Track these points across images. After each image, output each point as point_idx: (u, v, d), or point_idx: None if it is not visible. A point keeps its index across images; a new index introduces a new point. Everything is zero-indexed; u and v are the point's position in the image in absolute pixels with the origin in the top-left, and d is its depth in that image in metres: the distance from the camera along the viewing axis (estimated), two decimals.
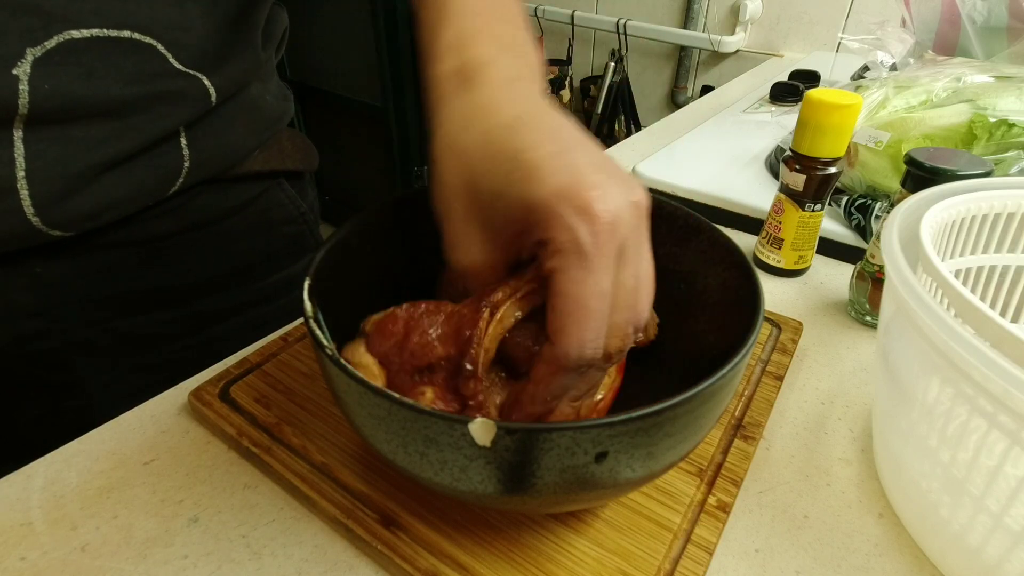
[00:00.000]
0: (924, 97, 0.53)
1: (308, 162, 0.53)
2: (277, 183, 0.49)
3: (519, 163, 0.23)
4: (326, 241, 0.30)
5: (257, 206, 0.48)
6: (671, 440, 0.23)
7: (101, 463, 0.34)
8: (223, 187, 0.44)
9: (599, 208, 0.22)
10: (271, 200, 0.49)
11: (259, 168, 0.46)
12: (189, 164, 0.40)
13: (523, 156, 0.23)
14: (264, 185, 0.48)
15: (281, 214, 0.50)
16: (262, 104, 0.45)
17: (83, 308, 0.41)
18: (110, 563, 0.29)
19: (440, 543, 0.29)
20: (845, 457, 0.35)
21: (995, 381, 0.22)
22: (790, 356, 0.41)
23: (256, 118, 0.45)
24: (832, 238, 0.54)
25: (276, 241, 0.50)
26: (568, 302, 0.22)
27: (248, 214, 0.47)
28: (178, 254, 0.44)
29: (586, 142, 0.24)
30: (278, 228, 0.50)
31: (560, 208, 0.22)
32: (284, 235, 0.51)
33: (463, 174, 0.25)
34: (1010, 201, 0.34)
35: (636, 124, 1.67)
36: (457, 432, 0.21)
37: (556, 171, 0.23)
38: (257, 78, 0.45)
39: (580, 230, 0.22)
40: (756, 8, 1.34)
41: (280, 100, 0.49)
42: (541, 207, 0.22)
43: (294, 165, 0.50)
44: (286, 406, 0.36)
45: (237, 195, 0.46)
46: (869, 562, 0.30)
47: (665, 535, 0.29)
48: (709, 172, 0.65)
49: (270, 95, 0.47)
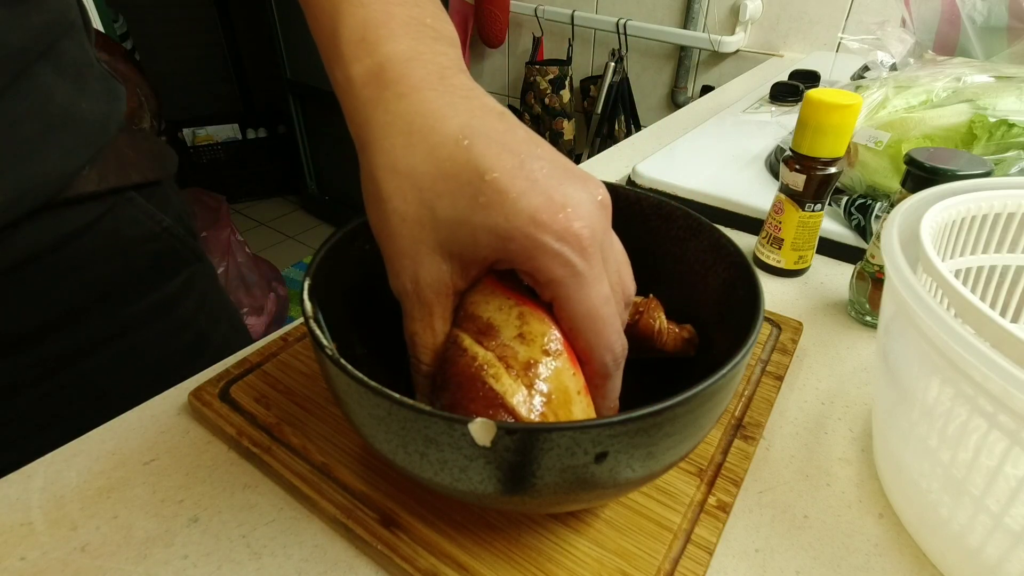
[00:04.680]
0: (924, 97, 0.53)
1: (162, 169, 0.45)
2: (125, 199, 0.41)
3: (484, 187, 0.22)
4: (326, 241, 0.30)
5: (101, 228, 0.40)
6: (671, 440, 0.23)
7: (101, 463, 0.34)
8: (52, 213, 0.36)
9: (578, 227, 0.22)
10: (120, 219, 0.41)
11: (93, 188, 0.38)
12: (2, 199, 0.33)
13: (487, 179, 0.22)
14: (105, 205, 0.40)
15: (137, 232, 0.42)
16: (76, 113, 0.37)
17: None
18: (110, 563, 0.29)
19: (440, 543, 0.29)
20: (845, 457, 0.35)
21: (995, 381, 0.22)
22: (790, 356, 0.41)
23: (72, 133, 0.37)
24: (832, 238, 0.54)
25: (137, 261, 0.43)
26: (584, 321, 0.23)
27: (91, 239, 0.39)
28: (12, 294, 0.37)
29: (533, 139, 0.24)
30: (136, 248, 0.42)
31: (542, 238, 0.22)
32: (147, 253, 0.43)
33: (415, 200, 0.23)
34: (1010, 201, 0.34)
35: (636, 124, 1.67)
36: (457, 432, 0.21)
37: (524, 193, 0.22)
38: (49, 59, 0.36)
39: (569, 255, 0.22)
40: (756, 8, 1.34)
41: (103, 102, 0.39)
42: (520, 238, 0.22)
43: (142, 176, 0.42)
44: (286, 406, 0.36)
45: (71, 220, 0.38)
46: (869, 562, 0.30)
47: (665, 535, 0.29)
48: (709, 172, 0.65)
49: (87, 99, 0.38)
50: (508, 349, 0.24)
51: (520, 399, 0.23)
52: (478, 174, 0.22)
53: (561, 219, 0.22)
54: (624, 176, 0.70)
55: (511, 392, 0.23)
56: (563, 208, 0.22)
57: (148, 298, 0.44)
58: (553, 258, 0.22)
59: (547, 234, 0.22)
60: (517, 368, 0.23)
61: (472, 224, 0.23)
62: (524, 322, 0.25)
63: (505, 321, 0.25)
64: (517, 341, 0.24)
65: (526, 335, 0.24)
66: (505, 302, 0.25)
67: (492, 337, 0.24)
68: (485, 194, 0.22)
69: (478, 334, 0.25)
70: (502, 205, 0.22)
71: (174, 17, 2.54)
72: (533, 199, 0.22)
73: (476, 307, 0.26)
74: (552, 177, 0.23)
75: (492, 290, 0.26)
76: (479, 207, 0.22)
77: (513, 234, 0.22)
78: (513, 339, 0.24)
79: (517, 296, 0.26)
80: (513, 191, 0.22)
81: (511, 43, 1.90)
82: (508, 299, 0.25)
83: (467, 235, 0.23)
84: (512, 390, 0.23)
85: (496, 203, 0.22)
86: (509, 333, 0.24)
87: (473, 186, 0.22)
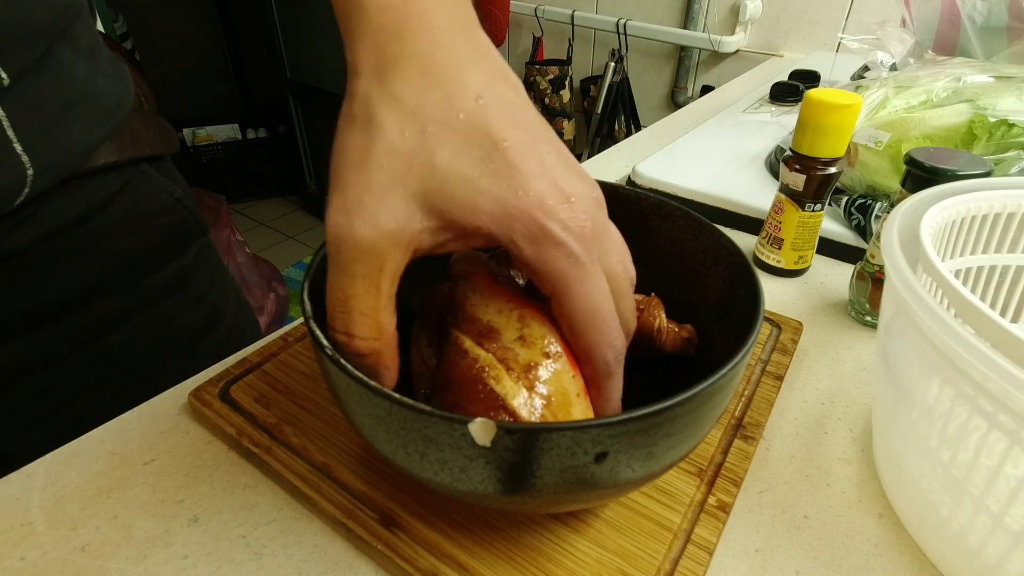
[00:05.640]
0: (924, 97, 0.53)
1: (168, 145, 0.47)
2: (139, 172, 0.44)
3: (496, 154, 0.21)
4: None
5: (122, 201, 0.42)
6: (671, 440, 0.23)
7: (101, 463, 0.34)
8: (76, 185, 0.39)
9: (583, 219, 0.22)
10: (137, 192, 0.44)
11: (114, 160, 0.41)
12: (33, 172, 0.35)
13: (501, 147, 0.21)
14: (124, 177, 0.42)
15: (154, 206, 0.45)
16: (94, 91, 0.39)
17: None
18: (110, 563, 0.29)
19: (440, 543, 0.29)
20: (845, 457, 0.35)
21: (995, 381, 0.22)
22: (790, 356, 0.41)
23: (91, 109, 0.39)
24: (832, 238, 0.54)
25: (155, 235, 0.45)
26: (585, 317, 0.23)
27: (113, 212, 0.42)
28: (45, 266, 0.39)
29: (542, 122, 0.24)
30: (153, 221, 0.45)
31: (549, 224, 0.21)
32: (163, 227, 0.46)
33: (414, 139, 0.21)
34: (1010, 201, 0.34)
35: (636, 124, 1.67)
36: (457, 432, 0.21)
37: (535, 173, 0.22)
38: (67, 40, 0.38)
39: (573, 247, 0.22)
40: (756, 8, 1.34)
41: (116, 81, 0.42)
42: (527, 219, 0.21)
43: (153, 150, 0.44)
44: (286, 406, 0.36)
45: (94, 193, 0.41)
46: (869, 562, 0.30)
47: (665, 535, 0.29)
48: (709, 172, 0.65)
49: (102, 78, 0.40)
50: (509, 351, 0.24)
51: (521, 401, 0.23)
52: (492, 139, 0.21)
53: (567, 209, 0.22)
54: (624, 176, 0.70)
55: (512, 394, 0.23)
56: (568, 198, 0.22)
57: (166, 270, 0.46)
58: (557, 247, 0.22)
59: (554, 222, 0.21)
60: (518, 370, 0.24)
61: (477, 186, 0.21)
62: (524, 325, 0.25)
63: (506, 324, 0.25)
64: (518, 343, 0.24)
65: (526, 338, 0.24)
66: (505, 305, 0.25)
67: (493, 339, 0.24)
68: (495, 161, 0.21)
69: (479, 336, 0.25)
70: (513, 179, 0.21)
71: (174, 17, 2.54)
72: (542, 183, 0.22)
73: (476, 310, 0.26)
74: (558, 165, 0.23)
75: (492, 293, 0.26)
76: (488, 172, 0.21)
77: (520, 214, 0.21)
78: (514, 341, 0.24)
79: (517, 299, 0.26)
80: (524, 168, 0.21)
81: (511, 43, 1.90)
82: (508, 302, 0.26)
83: (467, 194, 0.21)
84: (513, 392, 0.23)
85: (507, 175, 0.21)
86: (510, 336, 0.24)
87: (485, 149, 0.21)
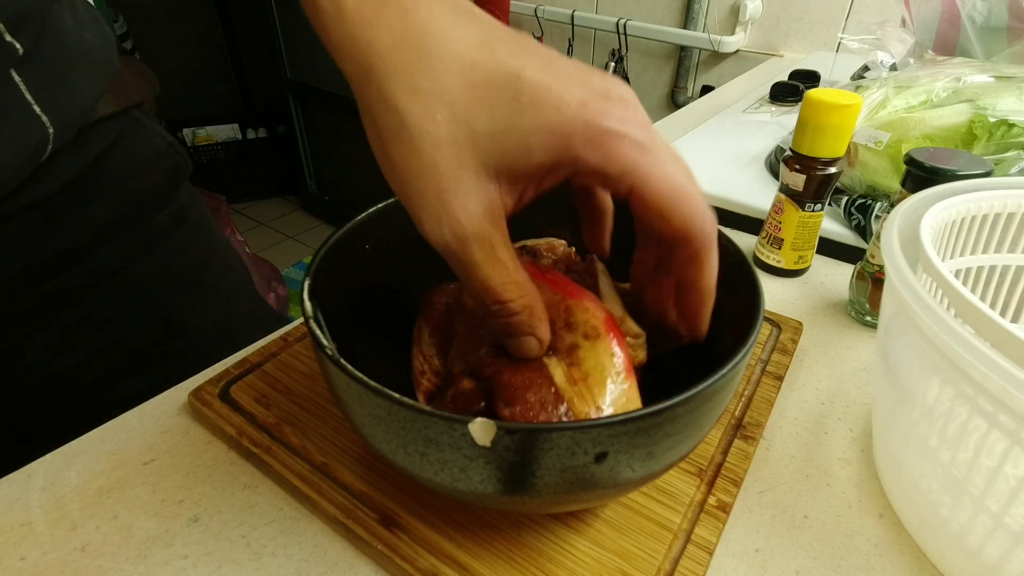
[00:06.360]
0: (924, 97, 0.53)
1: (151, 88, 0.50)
2: (132, 119, 0.47)
3: (522, 86, 0.20)
4: (326, 240, 0.30)
5: (122, 148, 0.46)
6: (671, 440, 0.23)
7: (101, 463, 0.34)
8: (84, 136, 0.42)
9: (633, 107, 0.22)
10: (135, 138, 0.47)
11: (112, 110, 0.44)
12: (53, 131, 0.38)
13: (524, 76, 0.21)
14: (120, 125, 0.46)
15: (150, 150, 0.48)
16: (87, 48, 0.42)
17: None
18: (110, 563, 0.29)
19: (440, 543, 0.29)
20: (845, 457, 0.35)
21: (995, 381, 0.22)
22: (790, 356, 0.41)
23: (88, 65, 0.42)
24: (832, 238, 0.54)
25: (155, 176, 0.49)
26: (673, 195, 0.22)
27: (117, 157, 0.45)
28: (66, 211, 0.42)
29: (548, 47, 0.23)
30: (152, 164, 0.48)
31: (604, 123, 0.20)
32: (161, 169, 0.49)
33: (447, 119, 0.21)
34: (1010, 201, 0.34)
35: None
36: (457, 432, 0.21)
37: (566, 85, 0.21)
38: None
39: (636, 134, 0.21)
40: (756, 8, 1.34)
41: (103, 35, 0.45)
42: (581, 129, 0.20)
43: (141, 96, 0.48)
44: (286, 406, 0.36)
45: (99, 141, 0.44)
46: (869, 562, 0.30)
47: (665, 535, 0.29)
48: (709, 172, 0.65)
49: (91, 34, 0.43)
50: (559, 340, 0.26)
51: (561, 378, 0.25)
52: (512, 74, 0.21)
53: (611, 103, 0.21)
54: None
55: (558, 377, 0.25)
56: (606, 94, 0.21)
57: (168, 209, 0.49)
58: (620, 140, 0.21)
59: (606, 118, 0.21)
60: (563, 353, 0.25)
61: (521, 128, 0.21)
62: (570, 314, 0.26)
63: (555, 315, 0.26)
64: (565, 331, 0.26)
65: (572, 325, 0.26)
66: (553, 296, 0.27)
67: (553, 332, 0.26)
68: (526, 93, 0.20)
69: None
70: (547, 100, 0.20)
71: (174, 17, 2.54)
72: (576, 88, 0.21)
73: None
74: (580, 71, 0.22)
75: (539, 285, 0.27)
76: (524, 108, 0.21)
77: (571, 127, 0.20)
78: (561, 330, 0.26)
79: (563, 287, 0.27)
80: (555, 85, 0.21)
81: None
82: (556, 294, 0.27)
83: (516, 142, 0.21)
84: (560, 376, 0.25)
85: (541, 99, 0.20)
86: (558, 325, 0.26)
87: (511, 88, 0.21)
